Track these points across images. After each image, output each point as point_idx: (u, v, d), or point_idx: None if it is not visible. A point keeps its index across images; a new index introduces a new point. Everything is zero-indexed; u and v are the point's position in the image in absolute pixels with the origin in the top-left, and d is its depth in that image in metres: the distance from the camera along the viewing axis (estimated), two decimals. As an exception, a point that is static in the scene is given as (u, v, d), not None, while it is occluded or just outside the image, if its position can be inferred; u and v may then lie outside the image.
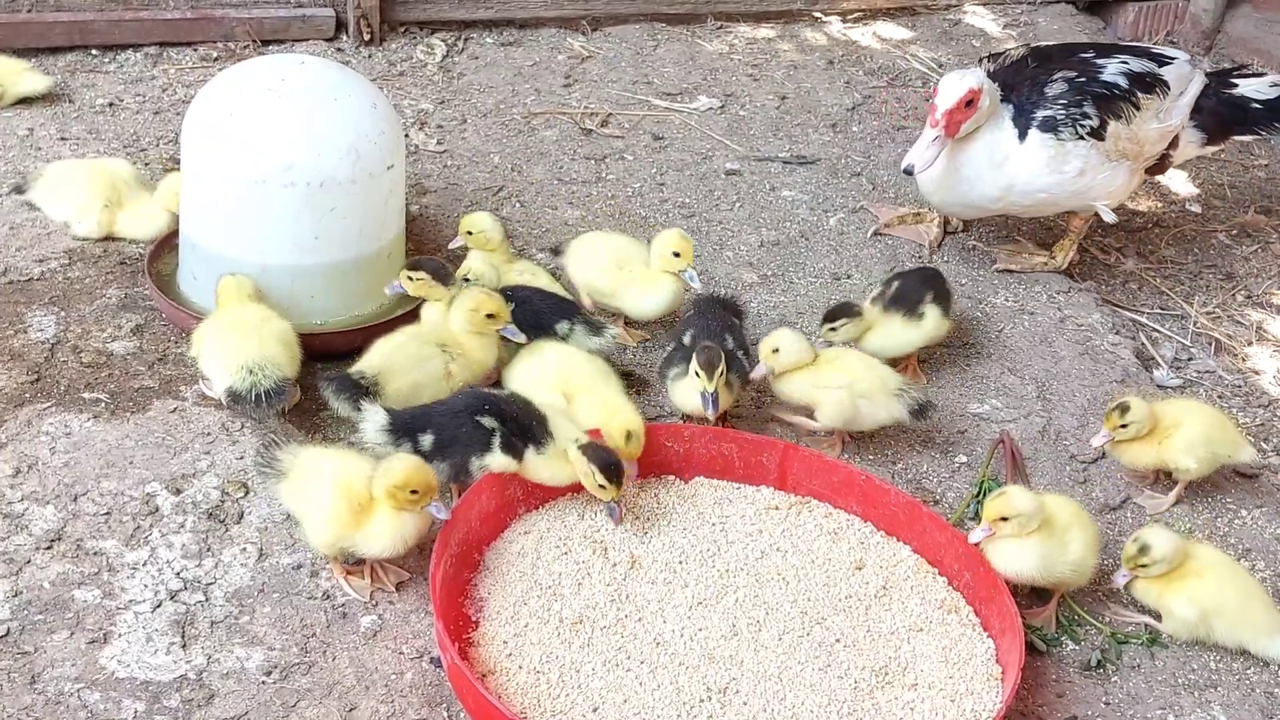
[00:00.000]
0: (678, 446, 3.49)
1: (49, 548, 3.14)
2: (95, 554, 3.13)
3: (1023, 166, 4.25)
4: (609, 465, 3.18)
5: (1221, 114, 4.52)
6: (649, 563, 3.21)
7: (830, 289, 4.41)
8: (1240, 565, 3.36)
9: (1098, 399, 4.03)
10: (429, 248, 4.29)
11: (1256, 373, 4.31)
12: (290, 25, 5.44)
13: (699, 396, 3.47)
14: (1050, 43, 4.65)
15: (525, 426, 3.23)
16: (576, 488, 3.30)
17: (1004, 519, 3.14)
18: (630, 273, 3.95)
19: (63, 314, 3.86)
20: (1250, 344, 4.44)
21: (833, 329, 3.89)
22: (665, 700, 2.87)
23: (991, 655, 3.08)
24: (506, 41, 5.74)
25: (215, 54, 5.31)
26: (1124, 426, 3.54)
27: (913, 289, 3.97)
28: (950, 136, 4.12)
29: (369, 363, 3.47)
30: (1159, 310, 4.57)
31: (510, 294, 3.69)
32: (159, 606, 3.02)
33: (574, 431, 3.27)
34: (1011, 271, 4.59)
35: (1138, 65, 4.36)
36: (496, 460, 3.22)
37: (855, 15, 6.29)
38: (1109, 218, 4.43)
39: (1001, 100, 4.26)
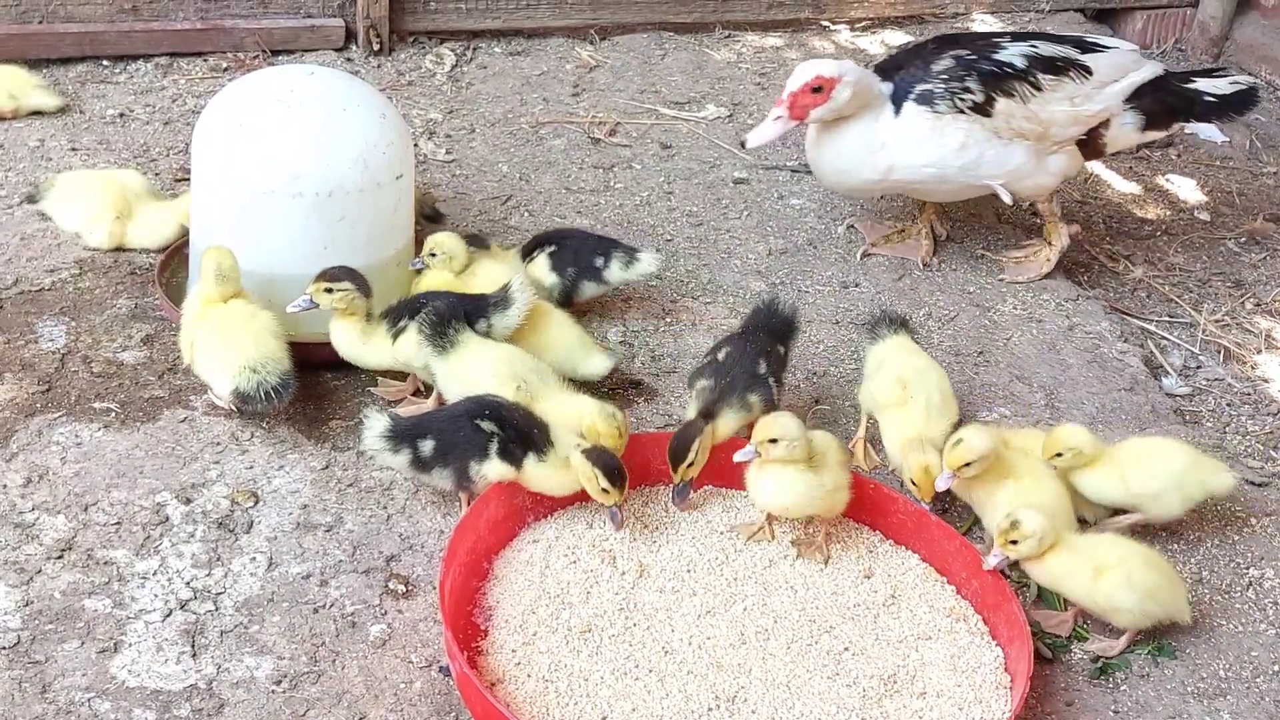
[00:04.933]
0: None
1: (59, 557, 3.15)
2: (105, 563, 3.14)
3: (899, 142, 4.26)
4: (612, 469, 3.18)
5: (1167, 102, 4.48)
6: (657, 571, 3.22)
7: (839, 297, 4.41)
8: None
9: (1106, 407, 4.03)
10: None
11: (1266, 380, 4.31)
12: (299, 35, 5.46)
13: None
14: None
15: (525, 433, 3.22)
16: (581, 496, 3.31)
17: (772, 440, 3.21)
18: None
19: (73, 324, 3.88)
20: (1259, 352, 4.43)
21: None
22: (673, 709, 2.87)
23: (1000, 663, 3.08)
24: (514, 51, 5.75)
25: (225, 64, 5.34)
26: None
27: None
28: (796, 119, 4.16)
29: None
30: (1167, 318, 4.57)
31: (425, 299, 3.62)
32: (169, 616, 3.03)
33: (573, 439, 3.26)
34: (1020, 283, 4.58)
35: (1050, 50, 4.34)
36: (494, 468, 3.21)
37: (863, 23, 6.30)
38: (1005, 198, 4.39)
39: (886, 82, 4.30)
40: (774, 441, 3.20)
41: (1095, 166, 5.41)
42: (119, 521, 3.25)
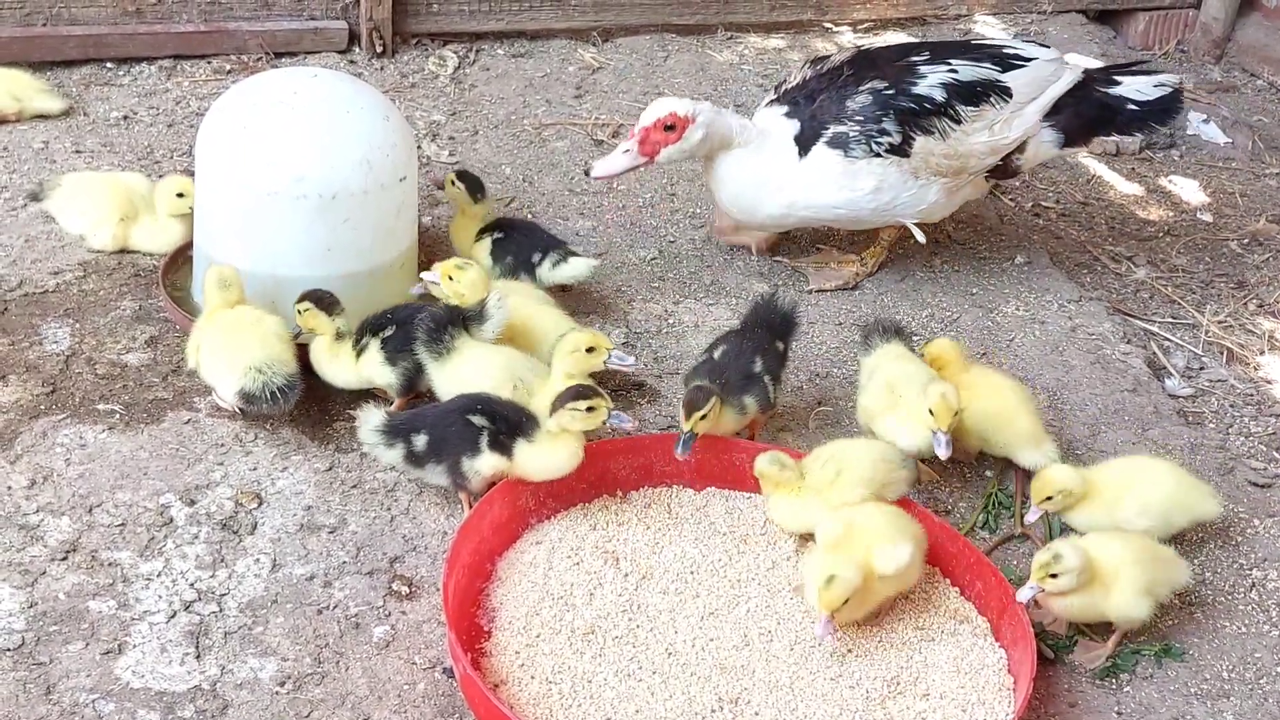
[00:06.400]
0: (690, 457, 3.49)
1: (64, 559, 3.15)
2: (110, 565, 3.15)
3: (805, 185, 4.14)
4: (579, 391, 3.19)
5: (1087, 115, 4.30)
6: (661, 573, 3.22)
7: (842, 299, 4.41)
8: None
9: (1109, 408, 4.03)
10: (441, 259, 4.29)
11: (1269, 381, 4.31)
12: (303, 38, 5.46)
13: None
14: (893, 43, 4.44)
15: (515, 423, 3.23)
16: (583, 495, 3.34)
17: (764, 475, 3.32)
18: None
19: (77, 326, 3.89)
20: (1262, 353, 4.43)
21: None
22: (677, 711, 2.88)
23: (1003, 665, 3.08)
24: (517, 53, 5.76)
25: (228, 67, 5.34)
26: None
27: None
28: (646, 156, 4.04)
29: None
30: (1170, 319, 4.57)
31: (390, 315, 3.60)
32: (173, 617, 3.04)
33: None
34: (825, 291, 4.43)
35: (969, 74, 4.13)
36: (486, 461, 3.21)
37: (866, 25, 6.30)
38: (919, 237, 4.31)
39: (788, 117, 4.17)
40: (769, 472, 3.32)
41: (1098, 168, 5.42)
42: (123, 523, 3.26)
